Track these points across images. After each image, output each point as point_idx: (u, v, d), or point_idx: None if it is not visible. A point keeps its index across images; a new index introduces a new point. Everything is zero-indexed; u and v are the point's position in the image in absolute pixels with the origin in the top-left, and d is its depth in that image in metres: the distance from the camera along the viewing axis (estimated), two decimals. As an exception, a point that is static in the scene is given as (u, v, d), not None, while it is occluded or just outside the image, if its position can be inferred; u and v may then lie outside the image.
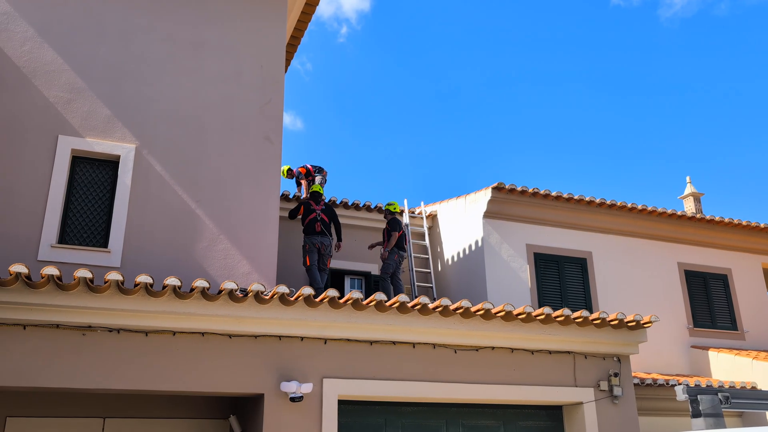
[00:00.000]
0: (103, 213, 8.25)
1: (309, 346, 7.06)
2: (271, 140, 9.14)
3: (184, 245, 8.27)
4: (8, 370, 6.09)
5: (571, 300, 11.59)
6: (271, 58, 9.52)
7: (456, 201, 12.56)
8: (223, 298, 6.67)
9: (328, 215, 10.46)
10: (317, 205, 10.50)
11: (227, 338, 6.81)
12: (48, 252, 7.72)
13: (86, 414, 7.56)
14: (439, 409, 7.73)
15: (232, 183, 8.73)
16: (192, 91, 8.95)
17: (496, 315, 7.52)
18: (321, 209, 10.46)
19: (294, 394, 6.65)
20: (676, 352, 12.12)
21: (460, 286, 11.98)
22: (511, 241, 11.60)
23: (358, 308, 7.11)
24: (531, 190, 11.48)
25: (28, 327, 6.20)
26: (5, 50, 8.28)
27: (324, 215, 10.40)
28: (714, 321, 12.69)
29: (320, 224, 10.29)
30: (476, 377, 7.58)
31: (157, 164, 8.48)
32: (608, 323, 8.01)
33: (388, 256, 11.00)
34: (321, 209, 10.46)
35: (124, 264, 7.94)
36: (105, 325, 6.41)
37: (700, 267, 12.95)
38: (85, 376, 6.29)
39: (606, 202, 11.95)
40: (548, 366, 7.95)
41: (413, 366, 7.37)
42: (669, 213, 12.45)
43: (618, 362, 8.28)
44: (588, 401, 7.95)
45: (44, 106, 8.24)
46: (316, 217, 10.34)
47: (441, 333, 7.47)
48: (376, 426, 7.45)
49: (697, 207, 14.97)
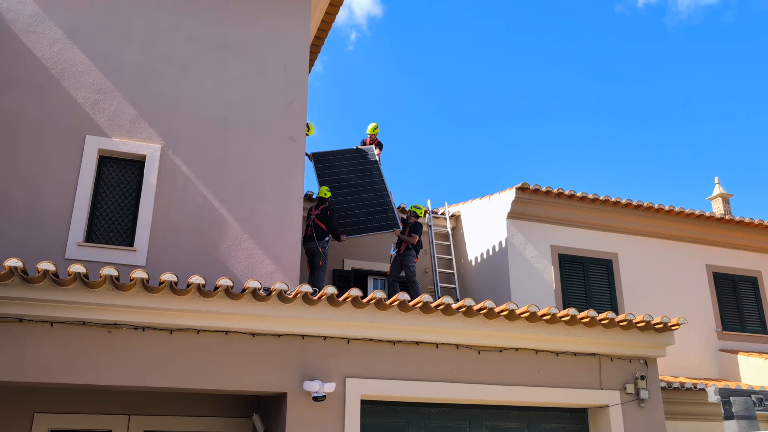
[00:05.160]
0: (129, 212, 8.33)
1: (332, 346, 7.05)
2: (294, 140, 9.16)
3: (208, 244, 8.33)
4: (36, 366, 6.17)
5: (596, 302, 11.45)
6: (295, 58, 9.55)
7: (480, 201, 12.48)
8: (246, 297, 6.69)
9: (322, 219, 10.42)
10: (316, 210, 10.50)
11: (251, 337, 6.83)
12: (75, 250, 7.82)
13: (112, 411, 7.64)
14: (463, 410, 7.67)
15: (256, 183, 8.77)
16: (216, 91, 9.01)
17: (520, 316, 7.44)
18: (317, 214, 10.44)
19: (317, 393, 6.64)
20: (705, 355, 11.90)
21: (483, 287, 11.90)
22: (535, 242, 11.50)
23: (381, 308, 7.08)
24: (555, 191, 11.37)
25: (55, 324, 6.28)
26: (34, 52, 8.41)
27: (318, 220, 10.38)
28: (743, 324, 12.45)
29: (311, 228, 10.34)
30: (500, 378, 7.51)
31: (182, 164, 8.55)
32: (635, 325, 7.89)
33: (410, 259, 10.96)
34: (317, 214, 10.44)
35: (149, 263, 8.01)
36: (130, 322, 6.46)
37: (729, 269, 12.71)
38: (111, 373, 6.35)
39: (632, 203, 11.79)
40: (573, 368, 7.85)
41: (436, 366, 7.33)
42: (697, 214, 12.24)
43: (645, 365, 8.15)
44: (614, 404, 7.83)
45: (72, 106, 8.35)
46: (309, 222, 10.43)
47: (464, 333, 7.42)
48: (399, 426, 7.41)
49: (726, 208, 14.71)
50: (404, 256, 10.97)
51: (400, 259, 11.02)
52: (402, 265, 11.01)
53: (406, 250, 11.01)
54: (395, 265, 11.10)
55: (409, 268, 10.92)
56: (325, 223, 10.35)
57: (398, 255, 11.04)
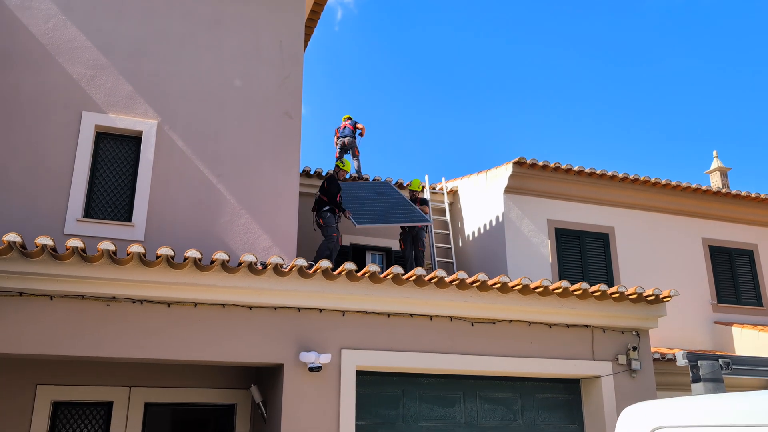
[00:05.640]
0: (126, 188, 8.41)
1: (327, 318, 7.17)
2: (290, 116, 9.19)
3: (206, 220, 8.41)
4: (37, 339, 6.30)
5: (592, 275, 11.55)
6: (290, 34, 9.54)
7: (477, 176, 12.53)
8: (243, 271, 6.79)
9: (322, 191, 10.49)
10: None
11: (247, 310, 6.94)
12: (74, 226, 7.92)
13: (113, 383, 7.80)
14: (457, 380, 7.81)
15: (253, 158, 8.82)
16: (212, 68, 9.03)
17: (512, 288, 7.54)
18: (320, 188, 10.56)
19: (313, 364, 6.77)
20: (699, 327, 12.03)
21: (480, 261, 12.00)
22: (532, 217, 11.57)
23: (375, 281, 7.18)
24: (552, 165, 11.41)
25: (54, 298, 6.40)
26: (29, 28, 8.42)
27: (321, 193, 10.48)
28: (738, 297, 12.55)
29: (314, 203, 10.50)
30: (493, 350, 7.63)
31: (179, 140, 8.60)
32: (627, 297, 7.99)
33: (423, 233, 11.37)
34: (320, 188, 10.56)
35: (147, 237, 8.11)
36: (129, 296, 6.58)
37: (725, 242, 12.79)
38: (111, 346, 6.48)
39: (629, 177, 11.83)
40: (566, 339, 7.97)
41: (430, 338, 7.45)
42: (693, 188, 12.28)
43: (637, 336, 8.27)
44: (606, 375, 7.97)
45: (68, 82, 8.38)
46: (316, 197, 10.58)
47: (458, 306, 7.52)
48: (394, 396, 7.56)
49: (724, 182, 14.74)
50: (419, 230, 11.21)
51: (411, 235, 11.22)
52: (415, 240, 11.20)
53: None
54: (407, 240, 11.27)
55: (422, 242, 11.16)
56: (324, 194, 10.42)
57: (410, 229, 11.23)
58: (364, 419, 7.30)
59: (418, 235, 11.29)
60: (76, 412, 7.74)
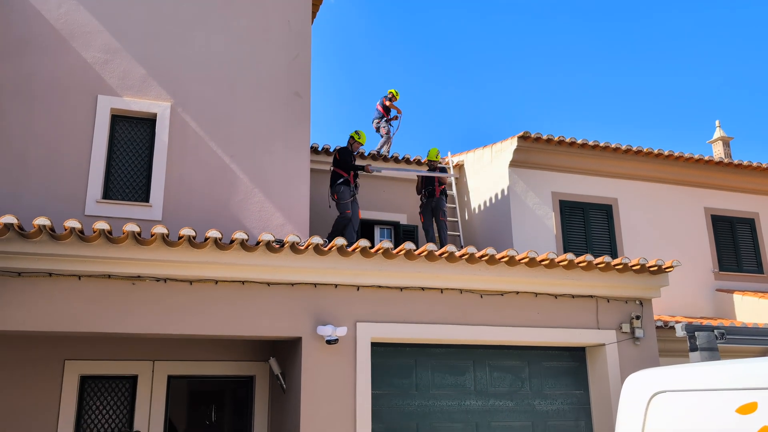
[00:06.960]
0: (143, 169, 8.64)
1: (343, 293, 7.46)
2: (300, 95, 9.38)
3: (220, 199, 8.66)
4: (66, 316, 6.60)
5: (596, 246, 11.81)
6: (298, 13, 9.68)
7: (482, 150, 12.73)
8: (261, 249, 7.06)
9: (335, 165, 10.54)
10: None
11: (266, 286, 7.23)
12: (94, 207, 8.18)
13: (137, 357, 8.13)
14: (467, 350, 8.13)
15: (264, 138, 9.03)
16: (222, 49, 9.19)
17: (520, 261, 7.81)
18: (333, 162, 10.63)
19: (329, 337, 7.07)
20: (701, 295, 12.32)
21: (487, 234, 12.26)
22: (536, 189, 11.79)
23: (388, 257, 7.45)
24: (557, 139, 11.59)
25: (83, 277, 6.68)
26: (43, 13, 8.58)
27: (334, 166, 10.53)
28: (740, 265, 12.82)
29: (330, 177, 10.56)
30: (502, 320, 7.93)
31: (192, 121, 8.81)
32: (630, 268, 8.25)
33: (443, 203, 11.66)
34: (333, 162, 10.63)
35: (164, 217, 8.37)
36: (153, 275, 6.86)
37: (727, 212, 13.01)
38: (136, 322, 6.78)
39: (632, 149, 12.01)
40: (571, 309, 8.26)
41: (441, 310, 7.74)
42: (695, 158, 12.46)
43: (640, 305, 8.55)
44: (610, 343, 8.27)
45: (83, 66, 8.57)
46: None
47: (467, 279, 7.80)
48: (407, 366, 7.88)
49: (726, 151, 14.90)
50: (439, 200, 11.44)
51: (431, 206, 11.45)
52: (435, 210, 11.42)
53: (441, 194, 11.48)
54: (427, 212, 11.50)
55: (444, 212, 11.40)
56: (337, 166, 10.46)
57: (429, 201, 11.45)
58: (379, 388, 7.63)
59: (438, 206, 11.41)
60: (103, 386, 8.10)
